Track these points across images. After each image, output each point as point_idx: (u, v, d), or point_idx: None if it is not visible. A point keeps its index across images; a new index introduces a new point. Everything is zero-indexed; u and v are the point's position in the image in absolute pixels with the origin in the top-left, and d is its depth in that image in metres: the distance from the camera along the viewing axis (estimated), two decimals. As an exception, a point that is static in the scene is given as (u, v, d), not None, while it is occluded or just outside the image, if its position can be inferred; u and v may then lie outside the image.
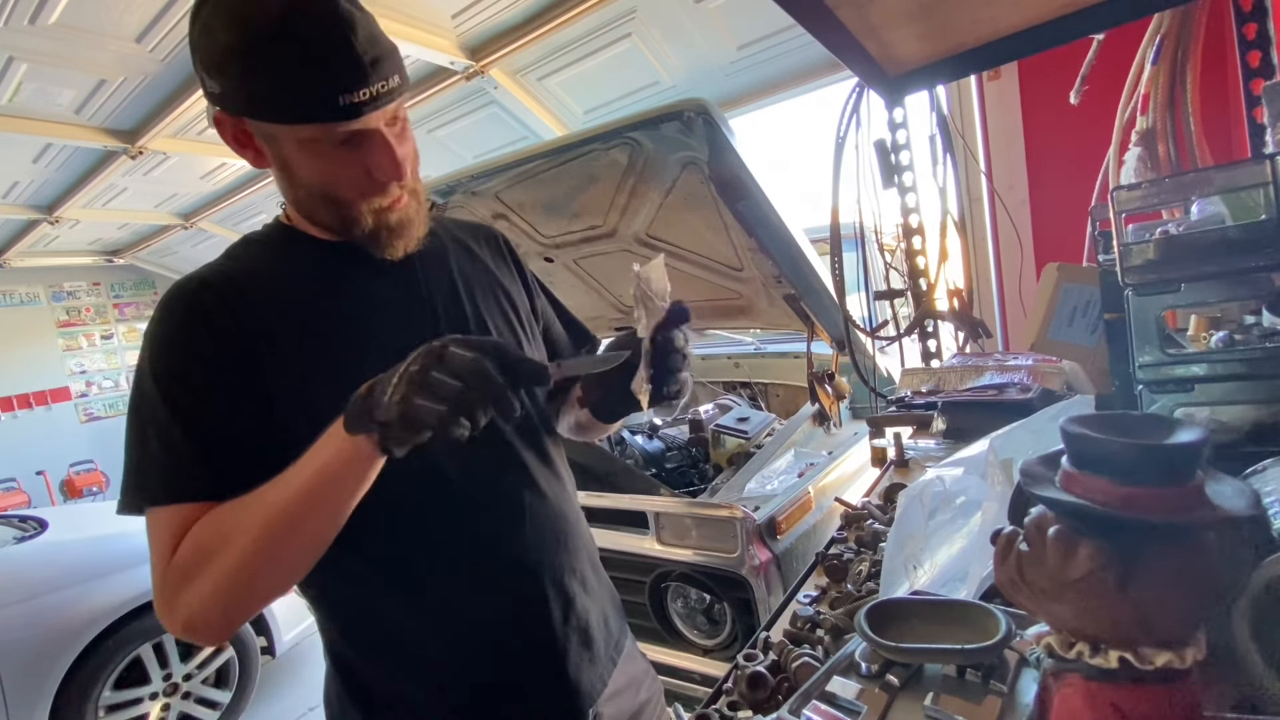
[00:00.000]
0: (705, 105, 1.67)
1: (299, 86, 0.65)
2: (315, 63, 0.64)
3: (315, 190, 0.73)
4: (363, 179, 0.72)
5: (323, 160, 0.71)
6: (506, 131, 3.50)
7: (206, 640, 0.68)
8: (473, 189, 2.31)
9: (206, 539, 0.65)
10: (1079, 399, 1.14)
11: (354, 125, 0.67)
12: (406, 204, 0.77)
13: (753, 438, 2.40)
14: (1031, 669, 0.60)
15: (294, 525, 0.63)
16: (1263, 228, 0.79)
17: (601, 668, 0.90)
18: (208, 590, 0.64)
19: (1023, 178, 2.53)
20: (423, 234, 0.82)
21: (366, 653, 0.81)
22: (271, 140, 0.71)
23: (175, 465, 0.68)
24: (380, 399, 0.58)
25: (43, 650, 2.35)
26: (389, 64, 0.68)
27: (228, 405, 0.70)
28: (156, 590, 0.67)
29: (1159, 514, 0.41)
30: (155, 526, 0.68)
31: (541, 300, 1.02)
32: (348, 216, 0.75)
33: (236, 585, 0.64)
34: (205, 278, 0.75)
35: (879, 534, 1.10)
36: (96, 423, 7.02)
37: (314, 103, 0.65)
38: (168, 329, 0.71)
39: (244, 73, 0.65)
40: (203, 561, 0.64)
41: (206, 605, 0.64)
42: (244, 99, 0.68)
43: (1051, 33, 1.30)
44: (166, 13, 2.41)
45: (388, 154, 0.71)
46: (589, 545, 0.96)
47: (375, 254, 0.79)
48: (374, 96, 0.66)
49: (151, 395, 0.69)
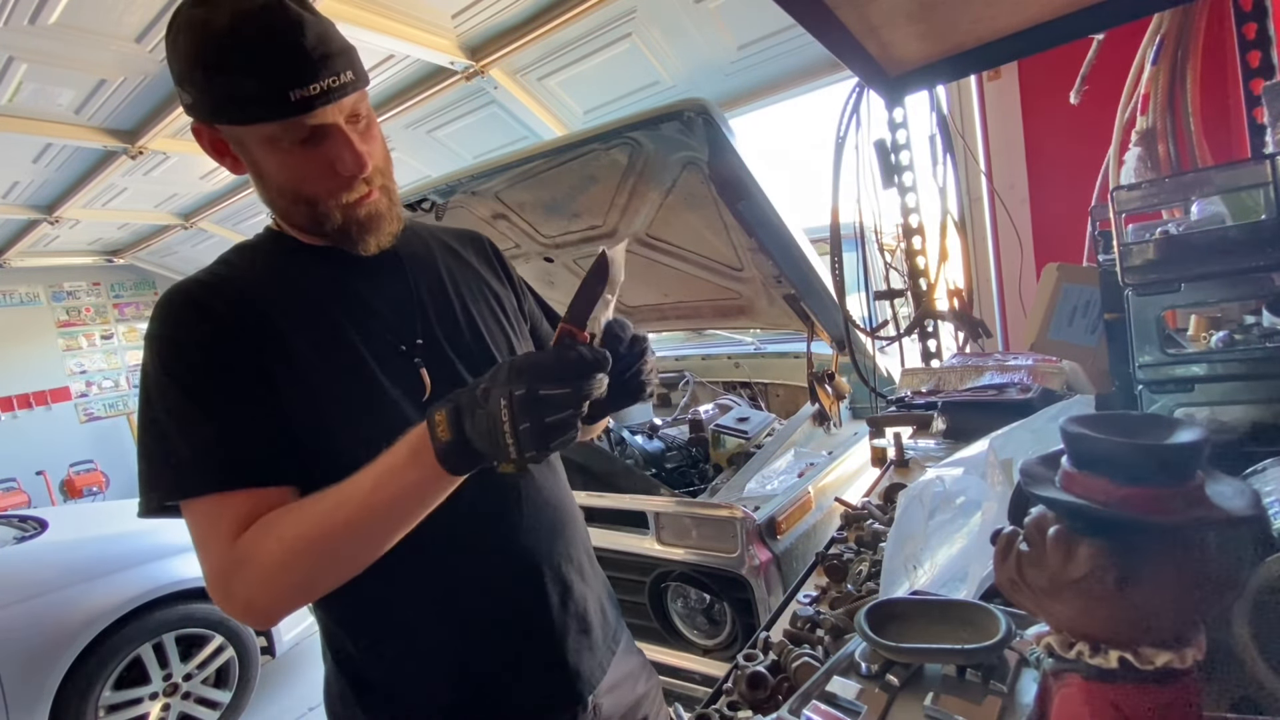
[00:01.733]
0: (705, 105, 1.67)
1: (251, 86, 0.67)
2: (263, 61, 0.67)
3: (286, 190, 0.76)
4: (328, 175, 0.74)
5: (287, 158, 0.73)
6: (506, 131, 3.50)
7: (262, 624, 0.72)
8: (473, 189, 2.30)
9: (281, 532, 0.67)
10: (1079, 399, 1.14)
11: (310, 120, 0.70)
12: (376, 199, 0.79)
13: (753, 438, 2.40)
14: (1031, 669, 0.60)
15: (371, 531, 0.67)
16: (1263, 228, 0.79)
17: (600, 655, 0.91)
18: (275, 577, 0.67)
19: (1023, 178, 2.53)
20: (396, 230, 0.83)
21: (364, 643, 0.82)
22: (241, 145, 0.74)
23: (205, 456, 0.69)
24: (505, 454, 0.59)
25: (43, 650, 2.35)
26: (340, 61, 0.71)
27: (242, 393, 0.72)
28: (213, 575, 0.69)
29: (1159, 514, 0.41)
30: (202, 516, 0.70)
31: (529, 301, 1.04)
32: (318, 214, 0.76)
33: (305, 578, 0.68)
34: (202, 279, 0.77)
35: (879, 534, 1.10)
36: (96, 423, 7.02)
37: (266, 100, 0.68)
38: (171, 327, 0.73)
39: (204, 79, 0.69)
40: (275, 550, 0.66)
41: (271, 589, 0.68)
42: (209, 105, 0.71)
43: (1051, 33, 1.30)
44: (166, 13, 2.37)
45: (348, 148, 0.73)
46: (584, 537, 0.97)
47: (349, 251, 0.80)
48: (325, 90, 0.69)
49: (166, 392, 0.71)
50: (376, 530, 0.67)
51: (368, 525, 0.66)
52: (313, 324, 0.77)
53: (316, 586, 0.70)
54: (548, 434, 0.59)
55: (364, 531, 0.66)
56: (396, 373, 0.79)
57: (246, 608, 0.69)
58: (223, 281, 0.77)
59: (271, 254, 0.82)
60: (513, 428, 0.58)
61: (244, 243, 0.85)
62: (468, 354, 0.85)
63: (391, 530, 0.68)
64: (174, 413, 0.71)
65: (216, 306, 0.73)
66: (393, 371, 0.79)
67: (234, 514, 0.69)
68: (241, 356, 0.73)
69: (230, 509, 0.69)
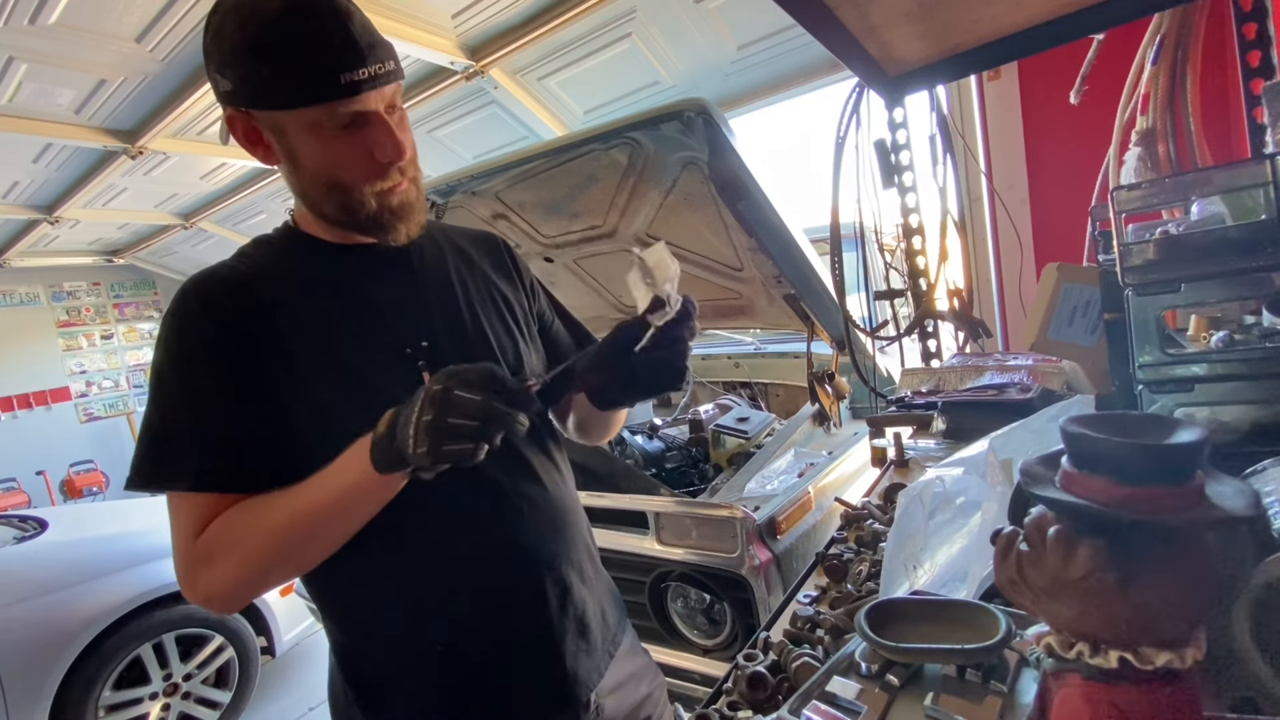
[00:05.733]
0: (705, 105, 1.67)
1: (302, 68, 0.69)
2: (316, 45, 0.69)
3: (320, 177, 0.76)
4: (365, 161, 0.76)
5: (327, 144, 0.74)
6: (506, 131, 3.50)
7: (220, 612, 0.78)
8: (473, 189, 2.30)
9: (235, 534, 0.72)
10: (1079, 399, 1.13)
11: (354, 106, 0.71)
12: (407, 189, 0.80)
13: (753, 438, 2.40)
14: (1031, 669, 0.60)
15: (316, 532, 0.72)
16: (1263, 228, 0.79)
17: (598, 658, 0.91)
18: (230, 575, 0.72)
19: (1023, 178, 2.53)
20: (424, 221, 0.85)
21: (364, 642, 0.83)
22: (279, 132, 0.75)
23: (194, 455, 0.73)
24: (406, 447, 0.63)
25: (43, 650, 2.35)
26: (383, 50, 0.73)
27: (237, 394, 0.74)
28: (178, 565, 0.75)
29: (1159, 514, 0.41)
30: (176, 508, 0.74)
31: (542, 303, 1.04)
32: (351, 201, 0.77)
33: (258, 574, 0.73)
34: (217, 272, 0.79)
35: (879, 534, 1.10)
36: (96, 423, 7.02)
37: (316, 82, 0.70)
38: (180, 320, 0.75)
39: (251, 63, 0.70)
40: (229, 551, 0.71)
41: (227, 586, 0.73)
42: (252, 89, 0.72)
43: (1051, 33, 1.30)
44: (166, 13, 2.41)
45: (388, 135, 0.75)
46: (587, 539, 0.97)
47: (381, 239, 0.82)
48: (372, 76, 0.71)
49: (170, 381, 0.75)
50: (322, 529, 0.71)
51: (313, 525, 0.71)
52: (317, 324, 0.78)
53: (269, 580, 0.74)
54: (445, 433, 0.61)
55: (310, 531, 0.71)
56: (398, 376, 0.79)
57: (206, 599, 0.74)
58: (236, 276, 0.78)
59: (286, 251, 0.84)
60: (418, 419, 0.61)
61: (263, 236, 0.86)
62: (472, 359, 0.85)
63: (336, 529, 0.72)
64: (172, 403, 0.74)
65: (224, 304, 0.75)
66: (395, 374, 0.79)
67: (206, 513, 0.73)
68: (242, 355, 0.74)
69: (204, 508, 0.73)
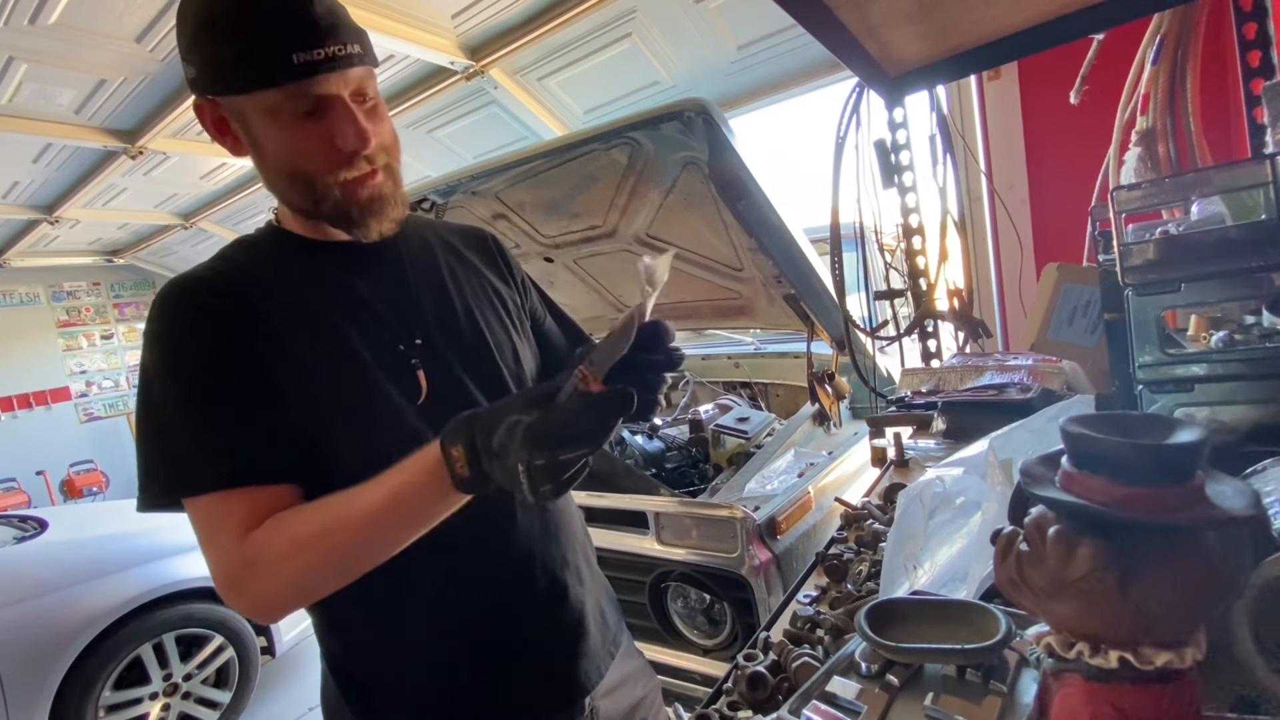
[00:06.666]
0: (705, 105, 1.67)
1: (255, 49, 0.67)
2: (268, 24, 0.66)
3: (284, 167, 0.74)
4: (327, 150, 0.72)
5: (287, 131, 0.71)
6: (506, 131, 3.49)
7: (267, 620, 0.72)
8: (473, 189, 2.31)
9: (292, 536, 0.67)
10: (1079, 399, 1.13)
11: (314, 89, 0.69)
12: (380, 181, 0.77)
13: (753, 438, 2.40)
14: (1031, 669, 0.60)
15: (380, 541, 0.68)
16: (1263, 228, 0.79)
17: (598, 660, 0.90)
18: (285, 584, 0.67)
19: (1023, 178, 2.53)
20: (400, 216, 0.81)
21: (357, 647, 0.82)
22: (242, 120, 0.72)
23: (205, 453, 0.69)
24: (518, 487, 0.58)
25: (43, 650, 2.35)
26: (348, 34, 0.70)
27: (240, 390, 0.71)
28: (222, 572, 0.69)
29: (1159, 514, 0.41)
30: (206, 514, 0.70)
31: (534, 299, 1.03)
32: (316, 191, 0.74)
33: (318, 581, 0.69)
34: (201, 275, 0.76)
35: (879, 534, 1.10)
36: (96, 423, 7.02)
37: (270, 64, 0.67)
38: (169, 323, 0.72)
39: (209, 46, 0.68)
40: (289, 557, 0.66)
41: (281, 595, 0.68)
42: (211, 74, 0.70)
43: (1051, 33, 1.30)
44: (166, 13, 2.41)
45: (350, 121, 0.71)
46: (584, 541, 0.96)
47: (350, 235, 0.78)
48: (330, 58, 0.68)
49: (164, 389, 0.70)
50: (387, 538, 0.68)
51: (379, 533, 0.67)
52: (309, 322, 0.76)
53: (323, 588, 0.70)
54: (567, 484, 0.59)
55: (374, 539, 0.67)
56: (393, 373, 0.78)
57: (254, 605, 0.69)
58: (220, 277, 0.75)
59: (271, 249, 0.81)
60: (531, 485, 0.57)
61: (244, 237, 0.83)
62: (467, 354, 0.84)
63: (402, 539, 0.68)
64: (173, 410, 0.70)
65: (213, 303, 0.72)
66: (389, 371, 0.78)
67: (238, 511, 0.69)
68: (238, 353, 0.72)
69: (234, 506, 0.69)
